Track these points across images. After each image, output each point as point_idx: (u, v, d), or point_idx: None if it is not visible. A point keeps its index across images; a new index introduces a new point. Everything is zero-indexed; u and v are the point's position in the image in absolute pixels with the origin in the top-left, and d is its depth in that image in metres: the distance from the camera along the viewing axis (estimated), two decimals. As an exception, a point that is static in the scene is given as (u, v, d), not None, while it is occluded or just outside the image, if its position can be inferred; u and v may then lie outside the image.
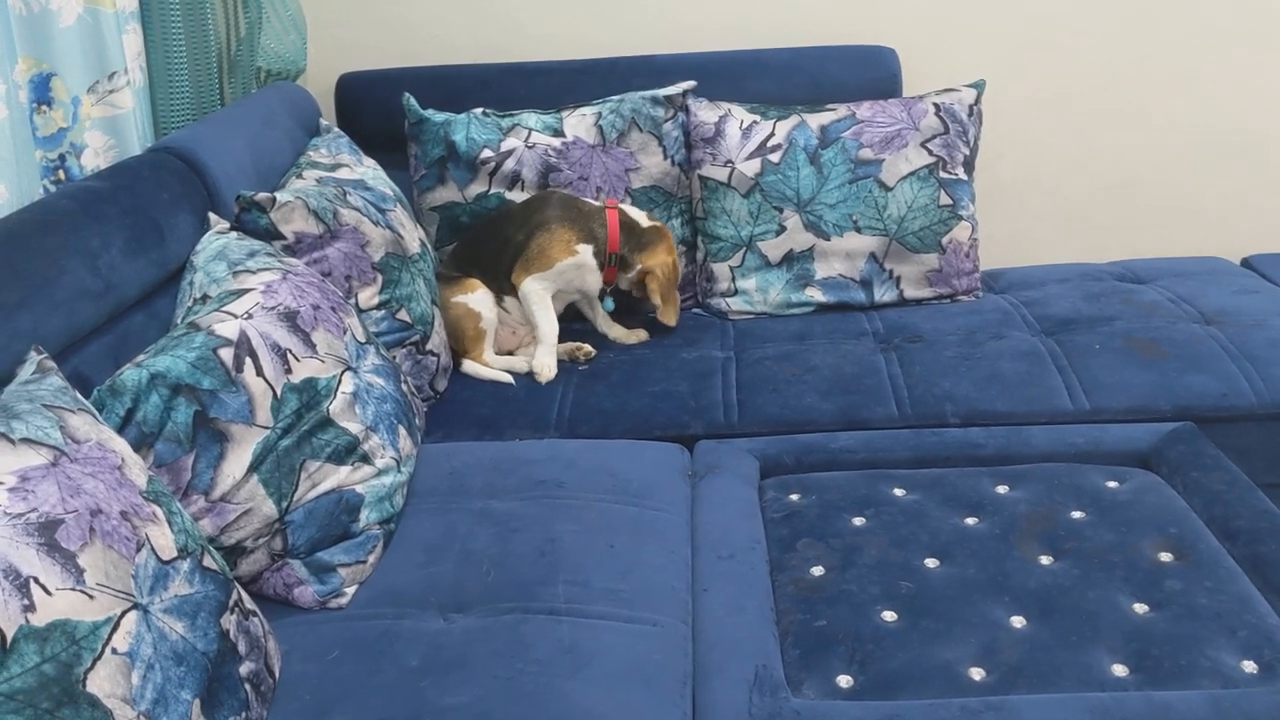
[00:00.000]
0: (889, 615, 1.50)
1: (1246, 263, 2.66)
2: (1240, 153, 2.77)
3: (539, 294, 2.26)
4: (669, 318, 2.33)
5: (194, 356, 1.49)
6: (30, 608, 1.04)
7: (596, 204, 2.33)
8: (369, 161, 2.34)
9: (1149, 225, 2.82)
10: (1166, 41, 2.69)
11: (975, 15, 2.68)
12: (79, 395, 1.32)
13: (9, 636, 1.01)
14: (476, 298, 2.27)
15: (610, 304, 2.35)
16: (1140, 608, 1.49)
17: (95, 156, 1.88)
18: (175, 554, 1.25)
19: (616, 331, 2.36)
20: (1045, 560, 1.60)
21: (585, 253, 2.25)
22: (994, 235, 2.75)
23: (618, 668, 1.38)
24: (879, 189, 2.39)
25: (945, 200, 2.39)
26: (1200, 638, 1.42)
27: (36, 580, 1.06)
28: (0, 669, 1.00)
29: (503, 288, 2.29)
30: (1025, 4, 2.67)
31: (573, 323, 2.42)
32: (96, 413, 1.32)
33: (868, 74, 2.59)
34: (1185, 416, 1.97)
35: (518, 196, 2.41)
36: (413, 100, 2.46)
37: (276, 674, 1.37)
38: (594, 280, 2.28)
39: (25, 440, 1.17)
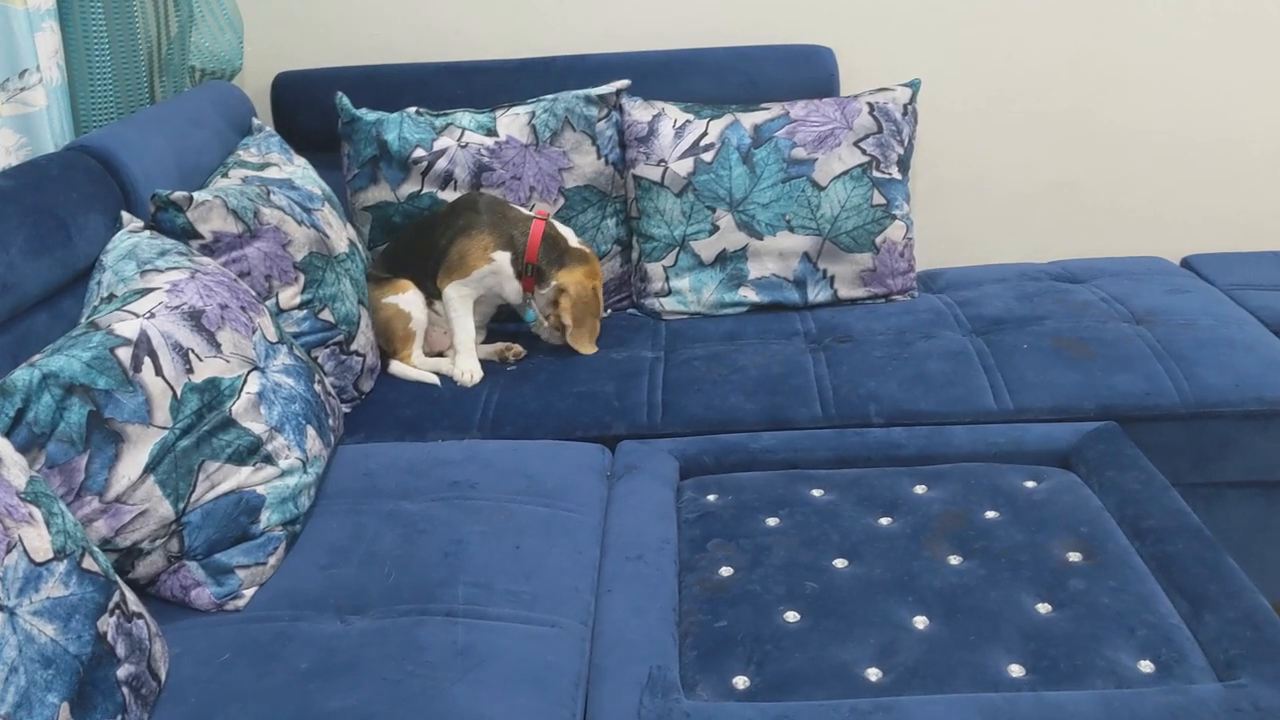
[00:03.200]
0: (791, 616, 1.49)
1: (1186, 263, 2.66)
2: (1182, 153, 2.77)
3: (459, 300, 2.24)
4: (580, 343, 2.24)
5: (90, 356, 1.47)
6: (-117, 611, 1.03)
7: (526, 212, 2.30)
8: (299, 161, 2.32)
9: (1091, 226, 2.82)
10: (1107, 41, 2.68)
11: (914, 15, 2.67)
12: (-41, 395, 1.30)
13: None
14: (408, 299, 2.26)
15: (531, 314, 2.31)
16: (1043, 607, 1.48)
17: (6, 155, 1.86)
18: (51, 555, 1.23)
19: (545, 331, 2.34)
20: (954, 560, 1.59)
21: (502, 260, 2.23)
22: (935, 235, 2.74)
23: (510, 670, 1.37)
24: (812, 188, 2.38)
25: (879, 200, 2.38)
26: (1099, 637, 1.42)
27: (-109, 583, 1.04)
28: None
29: (431, 291, 2.28)
30: (963, 3, 2.66)
31: (506, 323, 2.40)
32: (-23, 413, 1.31)
33: (805, 74, 2.58)
34: (1109, 416, 1.97)
35: (450, 196, 2.40)
36: (345, 99, 2.44)
37: (162, 677, 1.36)
38: (512, 289, 2.25)
39: (-107, 441, 1.16)
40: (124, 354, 1.50)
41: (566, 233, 2.28)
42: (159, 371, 1.52)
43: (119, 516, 1.47)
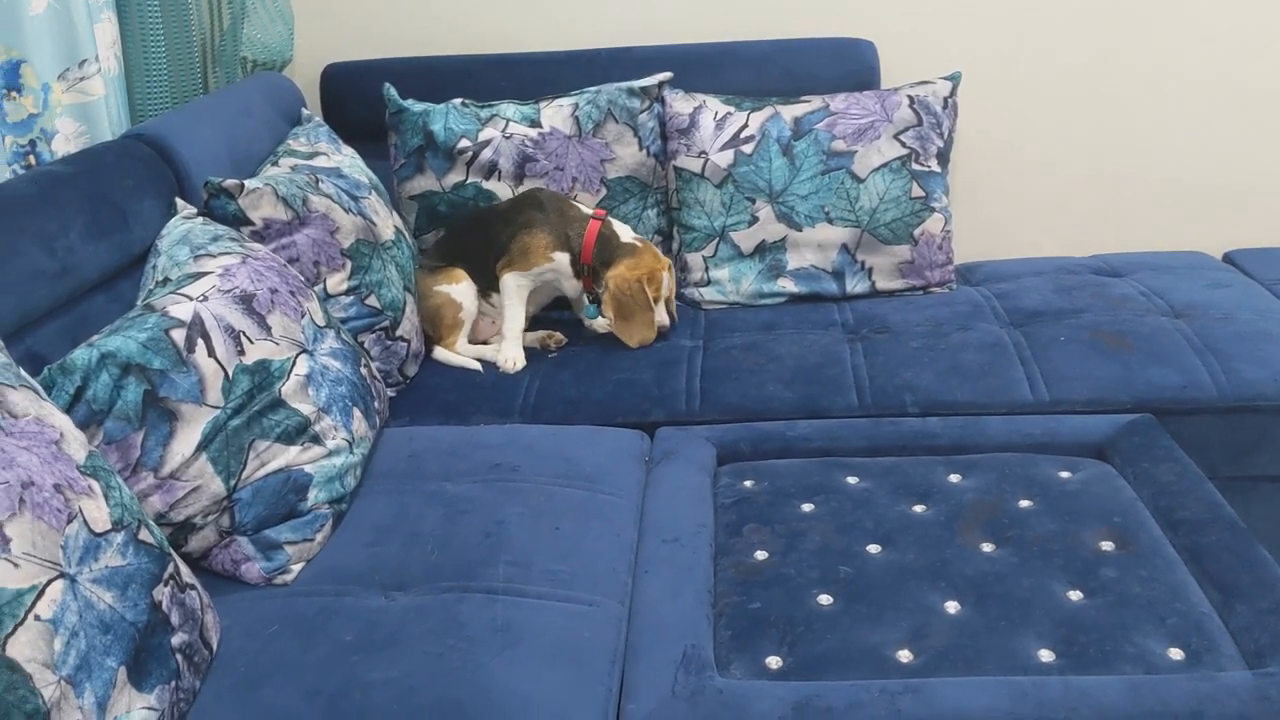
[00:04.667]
0: (824, 599, 1.52)
1: (1228, 257, 2.65)
2: (1225, 146, 2.75)
3: (515, 290, 2.28)
4: (624, 335, 2.25)
5: (145, 337, 1.52)
6: (-47, 575, 1.08)
7: (585, 211, 2.32)
8: (347, 150, 2.37)
9: (1132, 219, 2.81)
10: (1147, 35, 2.68)
11: (955, 8, 2.67)
12: (22, 372, 1.35)
13: (-70, 602, 1.05)
14: (460, 289, 2.30)
15: (592, 310, 2.35)
16: (1074, 595, 1.50)
17: (66, 142, 1.92)
18: (109, 527, 1.28)
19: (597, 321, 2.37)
20: (986, 548, 1.61)
21: (561, 260, 2.27)
22: (974, 228, 2.75)
23: (548, 646, 1.41)
24: (851, 180, 2.39)
25: (917, 192, 2.40)
26: (1130, 625, 1.43)
27: (-40, 548, 1.10)
28: (-80, 632, 1.03)
29: (488, 283, 2.32)
30: (1007, -3, 2.68)
31: (550, 310, 2.44)
32: (40, 389, 1.36)
33: (845, 66, 2.60)
34: (1145, 408, 1.97)
35: (494, 186, 2.44)
36: (393, 90, 2.49)
37: (213, 646, 1.41)
38: (571, 286, 2.30)
39: (-39, 415, 1.21)
40: (178, 335, 1.55)
41: (621, 229, 2.30)
42: (211, 353, 1.57)
43: (173, 492, 1.52)
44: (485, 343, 2.35)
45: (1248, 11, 2.65)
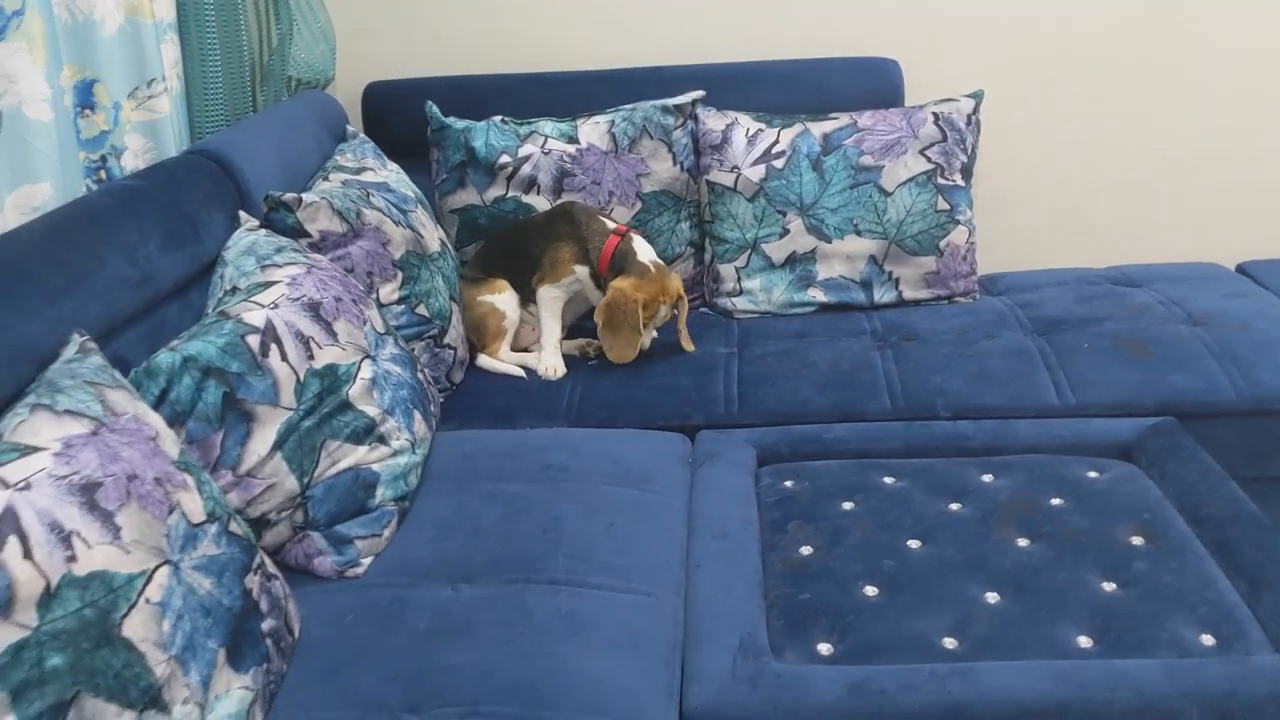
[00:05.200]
0: (870, 590, 1.59)
1: (1241, 268, 2.74)
2: (1237, 160, 2.84)
3: (550, 302, 2.37)
4: (604, 342, 2.29)
5: (223, 342, 1.60)
6: (72, 558, 1.15)
7: (610, 225, 2.38)
8: (392, 166, 2.45)
9: (1147, 232, 2.90)
10: (1163, 51, 2.77)
11: (977, 28, 2.77)
12: (117, 374, 1.43)
13: (53, 583, 1.12)
14: (503, 298, 2.39)
15: None
16: (1108, 586, 1.58)
17: (134, 158, 2.00)
18: (204, 518, 1.36)
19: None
20: (1022, 542, 1.68)
21: (582, 272, 2.35)
22: (995, 241, 2.83)
23: (612, 633, 1.48)
24: (879, 194, 2.48)
25: (943, 205, 2.48)
26: (1162, 613, 1.51)
27: (78, 534, 1.17)
28: (45, 611, 1.11)
29: (526, 292, 2.40)
30: (1025, 17, 2.76)
31: (586, 319, 2.52)
32: (134, 390, 1.44)
33: (871, 84, 2.69)
34: (1167, 412, 2.05)
35: (534, 200, 2.53)
36: (435, 108, 2.58)
37: (296, 633, 1.48)
38: (596, 297, 2.37)
39: (68, 411, 1.29)
40: (253, 340, 1.63)
41: (642, 248, 2.34)
42: (284, 357, 1.65)
43: (250, 489, 1.60)
44: (526, 350, 2.43)
45: (1260, 33, 2.74)
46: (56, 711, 1.09)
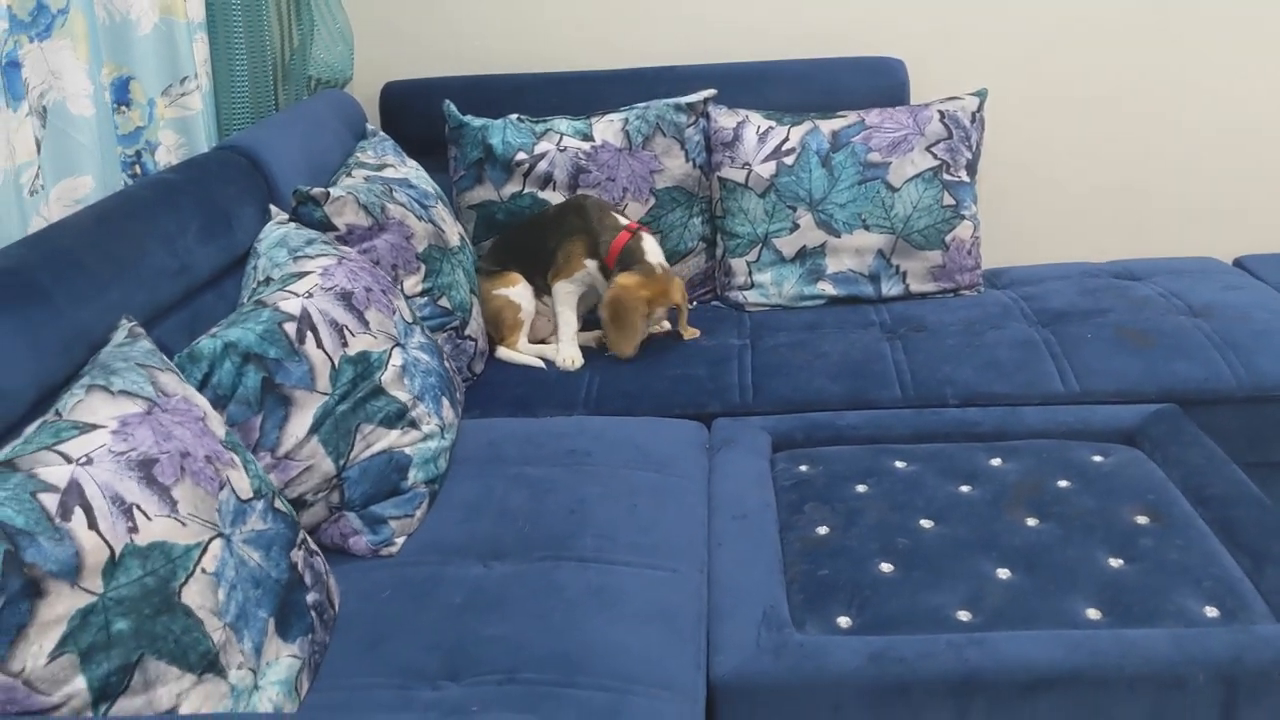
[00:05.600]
0: (886, 567, 1.65)
1: (1238, 263, 2.80)
2: (1233, 158, 2.92)
3: (564, 295, 2.43)
4: (609, 335, 2.35)
5: (262, 329, 1.66)
6: (134, 529, 1.21)
7: (622, 221, 2.43)
8: (411, 163, 2.51)
9: (1147, 227, 2.97)
10: (1162, 52, 2.84)
11: (981, 28, 2.84)
12: (164, 358, 1.49)
13: (117, 551, 1.18)
14: (518, 291, 2.45)
15: None
16: (1115, 562, 1.64)
17: (167, 153, 2.06)
18: (251, 495, 1.42)
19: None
20: (1031, 522, 1.75)
21: (592, 266, 2.41)
22: (998, 236, 2.89)
23: (641, 607, 1.54)
24: (886, 190, 2.55)
25: (948, 201, 2.55)
26: (1168, 587, 1.57)
27: (138, 507, 1.23)
28: (110, 579, 1.17)
29: (541, 285, 2.46)
30: (1027, 17, 2.83)
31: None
32: (180, 373, 1.50)
33: (878, 83, 2.76)
34: (1170, 399, 2.11)
35: (550, 196, 2.59)
36: (453, 106, 2.64)
37: (336, 607, 1.54)
38: (605, 290, 2.41)
39: (123, 392, 1.35)
40: (290, 328, 1.69)
41: (651, 247, 2.38)
42: (319, 344, 1.71)
43: (288, 471, 1.65)
44: (544, 341, 2.49)
45: (1257, 33, 2.81)
46: (123, 673, 1.15)
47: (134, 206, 1.73)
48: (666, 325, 2.52)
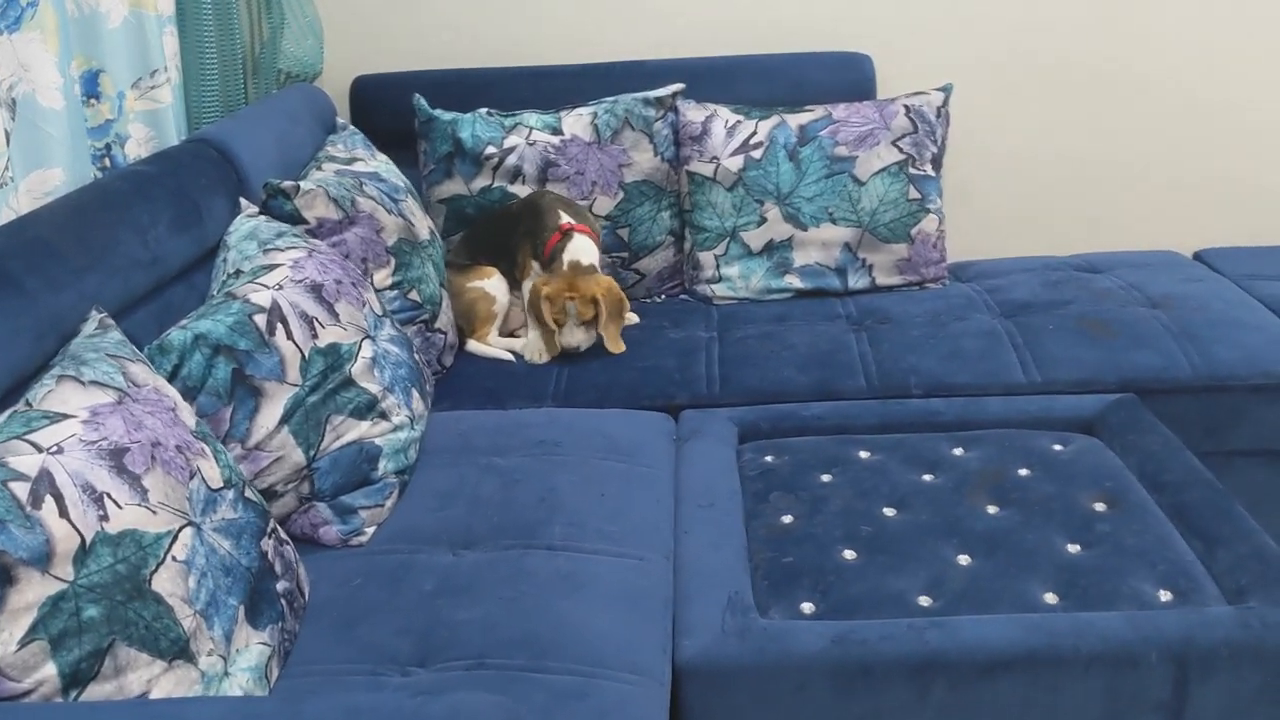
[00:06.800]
0: (849, 554, 1.68)
1: (1198, 256, 2.85)
2: (1194, 154, 2.96)
3: (532, 293, 2.45)
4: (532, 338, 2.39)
5: (232, 321, 1.67)
6: (105, 517, 1.23)
7: (562, 219, 2.41)
8: (381, 156, 2.52)
9: (1109, 221, 3.01)
10: (1126, 47, 2.89)
11: (946, 24, 2.87)
12: (135, 348, 1.50)
13: (88, 539, 1.20)
14: (493, 283, 2.46)
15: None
16: (1073, 547, 1.67)
17: (137, 146, 2.07)
18: (222, 484, 1.43)
19: None
20: (992, 509, 1.78)
21: (537, 268, 2.43)
22: (964, 230, 2.93)
23: (608, 592, 1.57)
24: (853, 183, 2.58)
25: (914, 194, 2.58)
26: (1124, 571, 1.61)
27: (109, 496, 1.25)
28: (80, 566, 1.18)
29: (512, 279, 2.48)
30: (993, 13, 2.87)
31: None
32: (151, 364, 1.51)
33: (845, 78, 2.79)
34: (1129, 388, 2.15)
35: (519, 190, 2.60)
36: (422, 100, 2.65)
37: (307, 595, 1.56)
38: None
39: (94, 382, 1.36)
40: (260, 320, 1.70)
41: (580, 248, 2.36)
42: (290, 336, 1.72)
43: (258, 462, 1.67)
44: (514, 334, 2.50)
45: (1215, 29, 2.87)
46: (93, 659, 1.17)
47: (108, 197, 1.74)
48: (634, 318, 2.54)
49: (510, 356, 2.40)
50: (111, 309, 1.62)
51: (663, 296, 2.73)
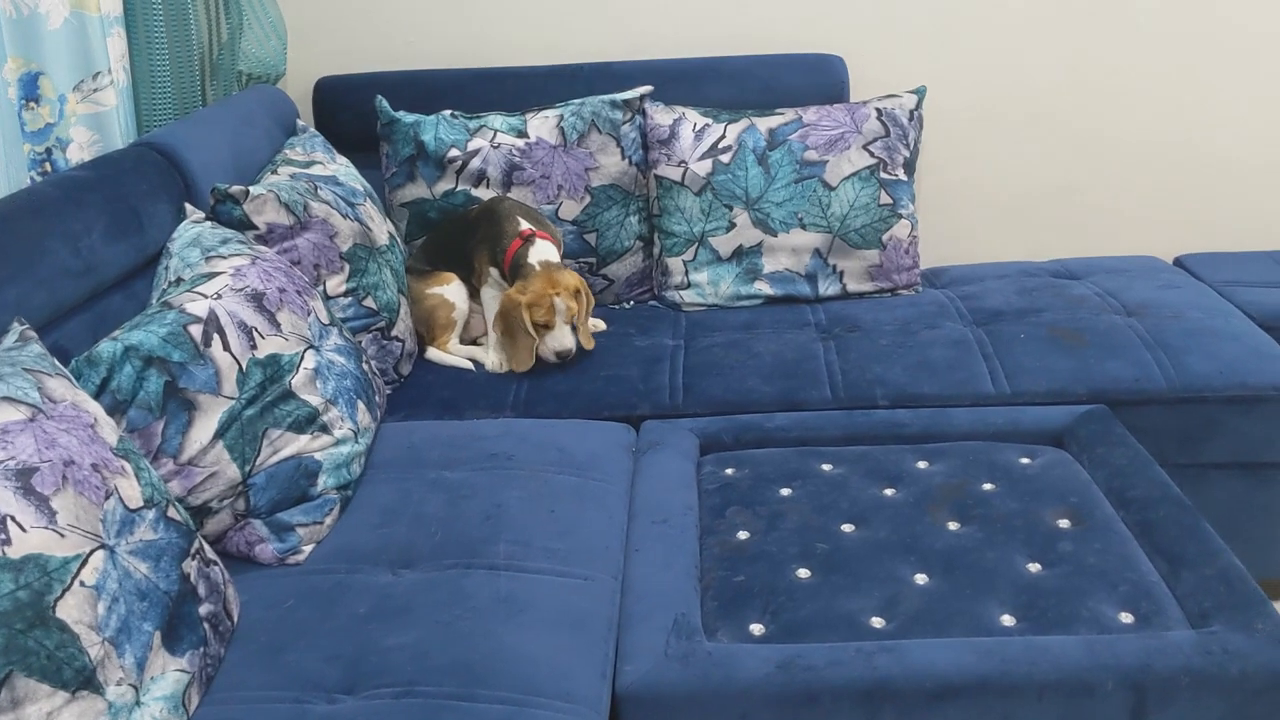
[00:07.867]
0: (803, 573, 1.63)
1: (1179, 261, 2.80)
2: (1175, 157, 2.90)
3: (490, 300, 2.40)
4: (506, 353, 2.30)
5: (165, 331, 1.62)
6: (6, 542, 1.17)
7: (522, 225, 2.35)
8: (341, 159, 2.47)
9: (1088, 226, 2.95)
10: (1103, 52, 2.83)
11: (920, 25, 2.81)
12: (56, 362, 1.45)
13: (-12, 566, 1.14)
14: (452, 290, 2.41)
15: None
16: (1033, 567, 1.62)
17: (80, 150, 2.01)
18: (142, 504, 1.38)
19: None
20: (953, 526, 1.73)
21: (495, 275, 2.37)
22: (940, 235, 2.88)
23: (549, 615, 1.51)
24: (823, 188, 2.52)
25: (885, 199, 2.53)
26: (1085, 591, 1.55)
27: (12, 518, 1.19)
28: (-21, 594, 1.13)
29: (472, 286, 2.43)
30: (967, 16, 2.81)
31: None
32: (73, 378, 1.46)
33: (817, 80, 2.73)
34: (1100, 400, 2.10)
35: (483, 193, 2.55)
36: (384, 102, 2.59)
37: (234, 618, 1.50)
38: None
39: (5, 399, 1.30)
40: (195, 330, 1.65)
41: (541, 250, 2.30)
42: (226, 347, 1.67)
43: (191, 477, 1.61)
44: (475, 342, 2.45)
45: (1197, 30, 2.81)
46: (-11, 690, 1.11)
47: (36, 204, 1.68)
48: (600, 324, 2.49)
49: (470, 365, 2.35)
50: (39, 320, 1.57)
51: (631, 303, 2.68)
